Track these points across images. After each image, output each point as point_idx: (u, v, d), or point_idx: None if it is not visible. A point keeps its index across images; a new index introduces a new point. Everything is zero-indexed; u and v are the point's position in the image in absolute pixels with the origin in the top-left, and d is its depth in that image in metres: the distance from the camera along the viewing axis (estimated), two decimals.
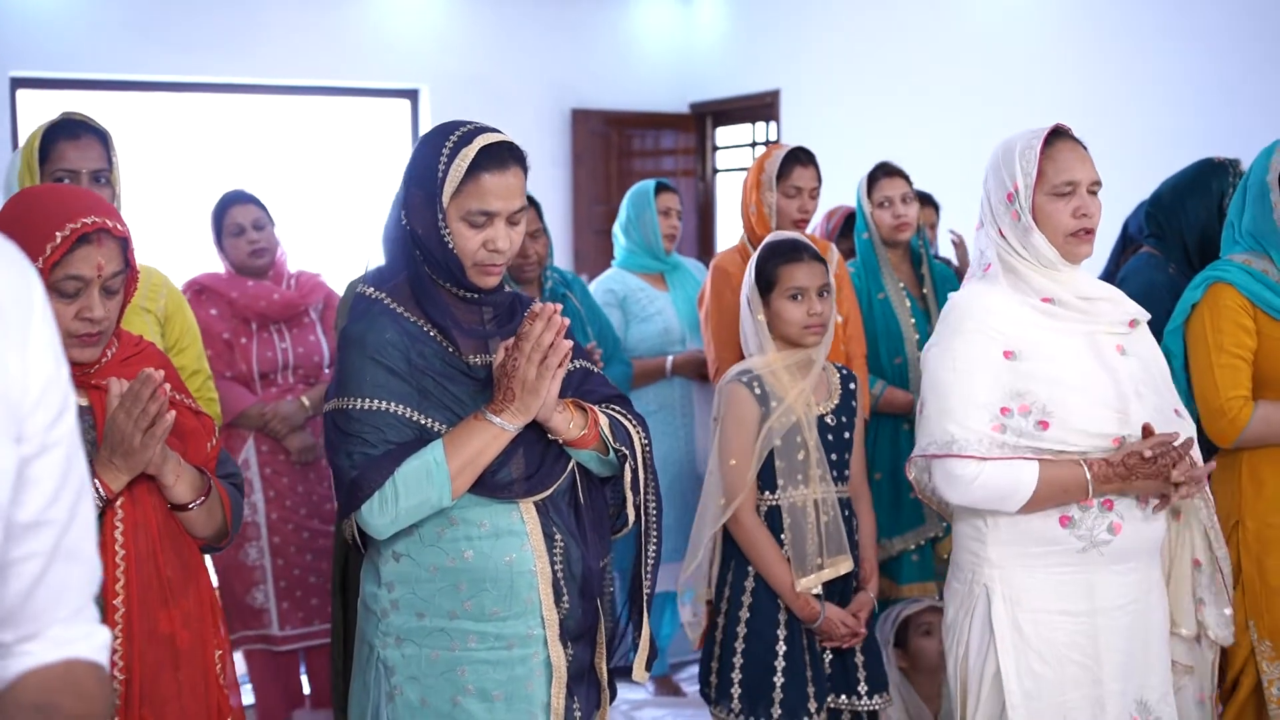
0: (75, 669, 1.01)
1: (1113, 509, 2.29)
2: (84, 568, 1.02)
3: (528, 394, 1.91)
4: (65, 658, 1.00)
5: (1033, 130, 2.35)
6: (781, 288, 2.66)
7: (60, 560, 0.98)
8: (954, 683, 2.45)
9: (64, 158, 2.51)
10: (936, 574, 3.46)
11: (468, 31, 7.15)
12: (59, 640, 1.00)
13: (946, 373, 2.33)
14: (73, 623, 1.02)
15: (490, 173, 1.94)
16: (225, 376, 3.50)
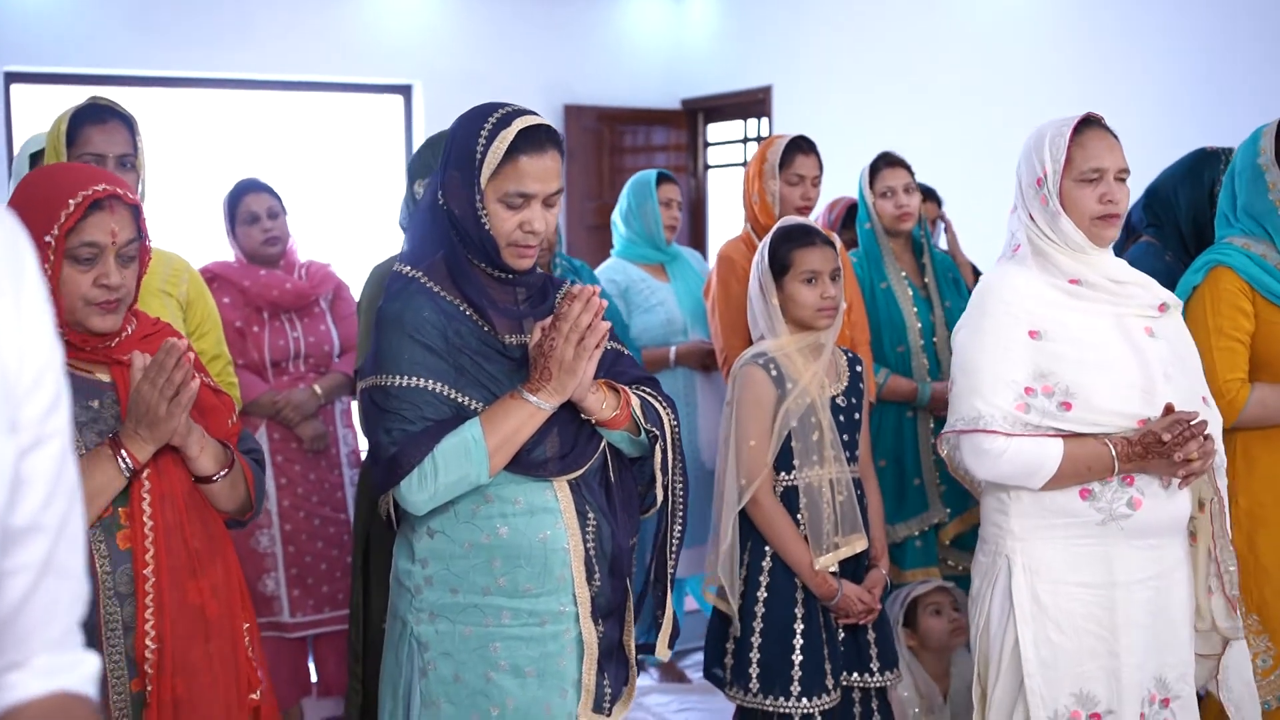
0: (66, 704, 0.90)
1: (1133, 484, 2.34)
2: (73, 584, 0.91)
3: (565, 374, 1.94)
4: (54, 690, 0.90)
5: (1064, 118, 2.42)
6: (795, 271, 2.71)
7: (50, 575, 0.87)
8: (975, 654, 2.52)
9: (90, 142, 2.55)
10: (940, 559, 3.51)
11: (461, 27, 7.18)
12: (47, 670, 0.89)
13: (975, 352, 2.39)
14: (61, 649, 0.91)
15: (528, 155, 1.98)
16: (238, 365, 3.54)
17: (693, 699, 4.04)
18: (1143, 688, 2.38)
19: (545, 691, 2.03)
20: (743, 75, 7.35)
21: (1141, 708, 2.38)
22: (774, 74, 7.13)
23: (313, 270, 3.78)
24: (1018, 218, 2.49)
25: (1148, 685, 2.39)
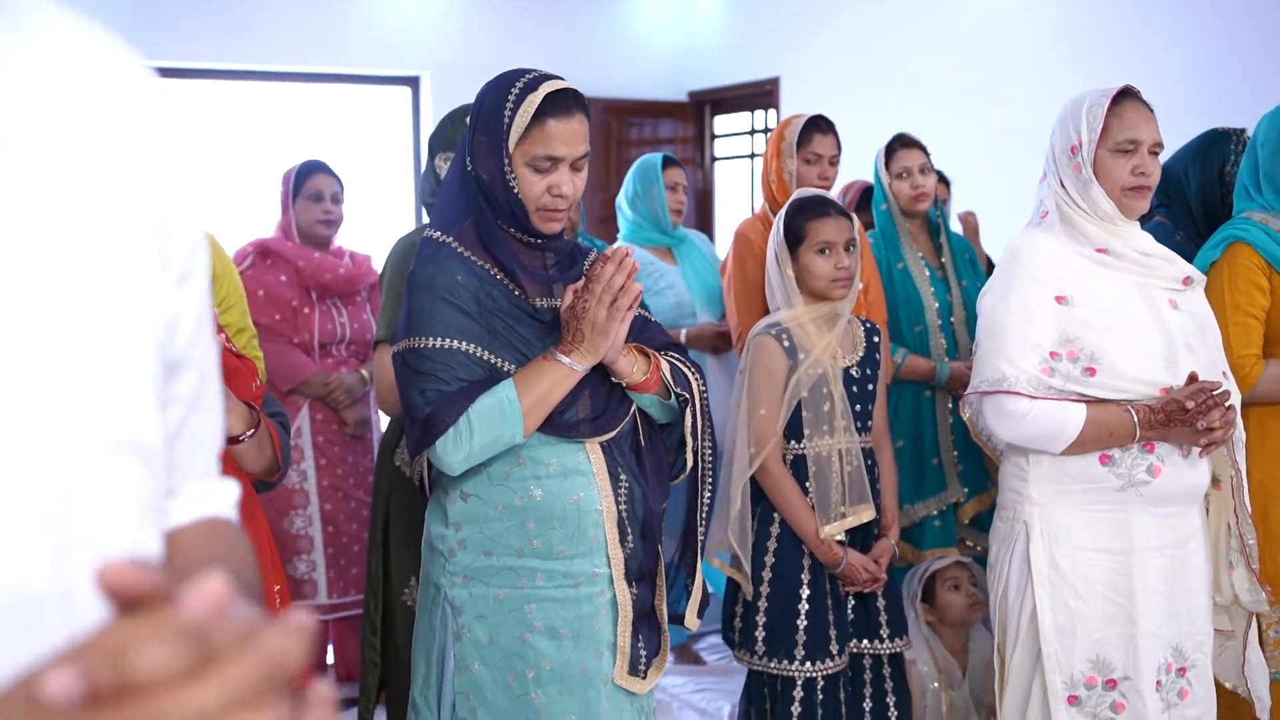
0: (217, 527, 0.92)
1: (1153, 452, 2.38)
2: (217, 419, 0.92)
3: (597, 335, 1.97)
4: (205, 515, 0.91)
5: (1102, 89, 2.46)
6: (810, 242, 2.74)
7: (199, 407, 0.88)
8: (994, 620, 2.55)
9: None
10: (959, 539, 3.54)
11: (468, 19, 7.22)
12: (197, 497, 0.91)
13: (1000, 314, 2.43)
14: (207, 477, 0.93)
15: (555, 119, 2.01)
16: (292, 342, 3.62)
17: (708, 680, 4.08)
18: (1159, 655, 2.41)
19: (581, 653, 2.05)
20: (749, 67, 7.39)
21: (1158, 675, 2.41)
22: (781, 65, 7.17)
23: (358, 259, 3.89)
24: (1047, 185, 2.52)
25: (1164, 653, 2.42)
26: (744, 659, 2.80)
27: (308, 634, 0.45)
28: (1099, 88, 2.49)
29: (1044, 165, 2.56)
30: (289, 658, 0.43)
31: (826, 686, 2.74)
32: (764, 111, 7.57)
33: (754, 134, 7.74)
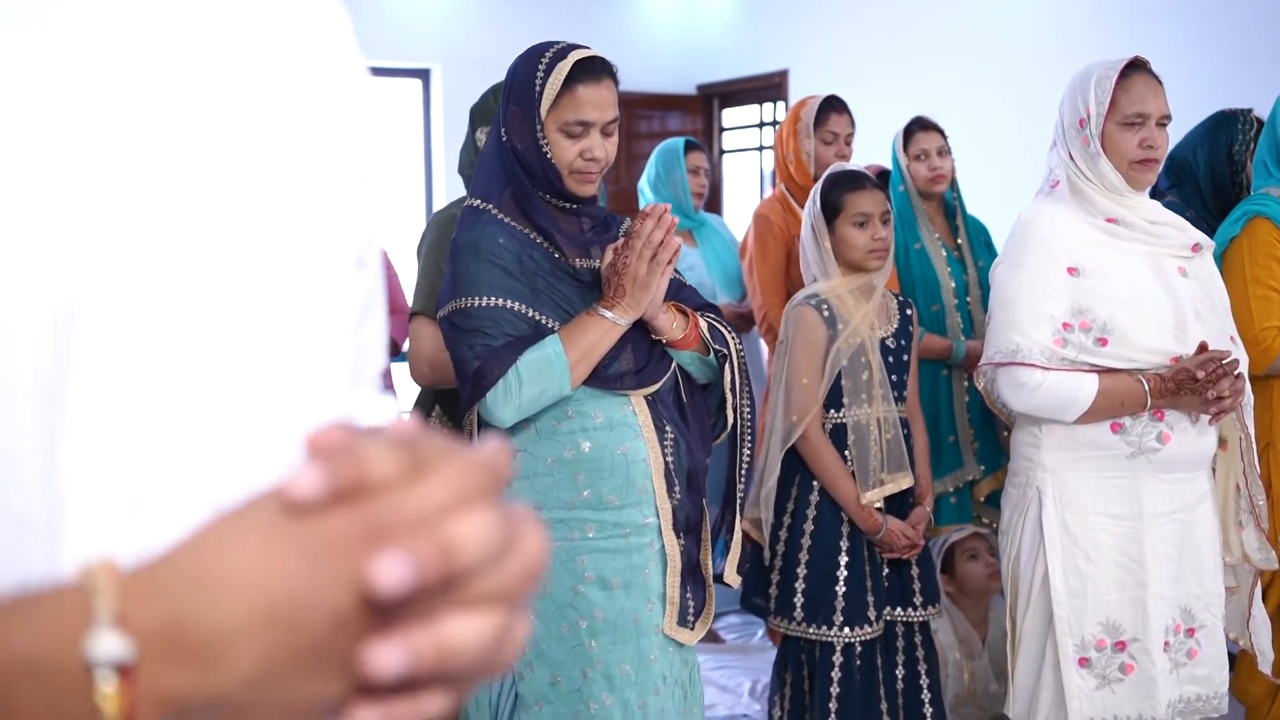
0: None
1: (1163, 419, 2.44)
2: (382, 331, 0.87)
3: (638, 289, 2.05)
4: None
5: (1111, 60, 2.51)
6: (847, 214, 2.81)
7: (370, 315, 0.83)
8: (1006, 584, 2.62)
9: None
10: (975, 516, 3.61)
11: (479, 12, 7.30)
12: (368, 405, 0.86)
13: (1013, 286, 2.49)
14: (374, 389, 0.87)
15: (585, 85, 2.10)
16: None
17: (728, 658, 4.16)
18: (1167, 617, 2.47)
19: (632, 603, 2.12)
20: (758, 59, 7.47)
21: (1166, 636, 2.47)
22: (789, 58, 7.25)
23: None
24: (1057, 155, 2.58)
25: (1172, 615, 2.48)
26: (781, 625, 2.86)
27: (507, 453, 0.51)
28: (1108, 59, 2.54)
29: (1053, 134, 2.61)
30: (499, 467, 0.50)
31: (864, 653, 2.81)
32: (772, 104, 7.65)
33: (762, 127, 7.82)
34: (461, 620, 0.47)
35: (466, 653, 0.47)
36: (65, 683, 0.44)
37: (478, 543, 0.47)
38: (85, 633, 0.44)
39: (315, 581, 0.46)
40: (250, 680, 0.46)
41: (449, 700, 0.49)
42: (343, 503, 0.47)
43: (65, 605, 0.45)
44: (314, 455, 0.49)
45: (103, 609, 0.44)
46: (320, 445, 0.49)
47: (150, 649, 0.45)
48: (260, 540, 0.47)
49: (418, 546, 0.46)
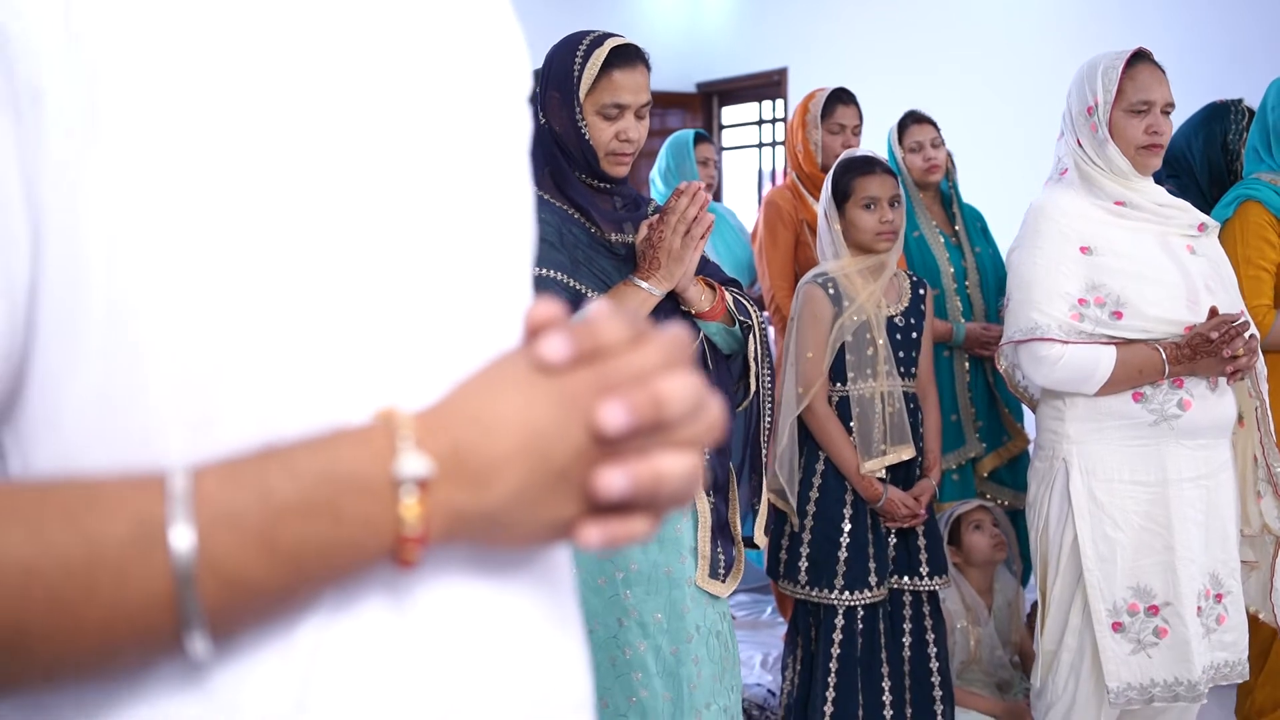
0: None
1: (1183, 387, 2.56)
2: None
3: (673, 262, 2.21)
4: None
5: (1117, 51, 2.66)
6: (856, 197, 2.97)
7: None
8: (1035, 555, 2.75)
9: None
10: (978, 492, 3.76)
11: None
12: None
13: (1029, 268, 2.63)
14: None
15: (620, 70, 2.26)
16: None
17: (740, 633, 4.30)
18: (1198, 582, 2.58)
19: (666, 556, 2.27)
20: (758, 58, 7.61)
21: (1198, 601, 2.58)
22: (789, 56, 7.38)
23: None
24: (1065, 143, 2.73)
25: (1203, 580, 2.60)
26: (786, 588, 3.02)
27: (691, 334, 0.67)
28: (1113, 50, 2.70)
29: (1061, 124, 2.76)
30: (689, 344, 0.66)
31: (866, 617, 2.96)
32: (772, 102, 7.80)
33: (761, 124, 7.97)
34: (669, 457, 0.63)
35: (671, 482, 0.63)
36: (377, 495, 0.59)
37: (682, 397, 0.63)
38: (393, 457, 0.59)
39: (562, 422, 0.62)
40: (511, 499, 0.62)
41: (652, 525, 0.65)
42: (581, 363, 0.63)
43: (374, 437, 0.60)
44: (533, 331, 0.65)
45: (407, 439, 0.59)
46: (536, 323, 0.65)
47: (439, 471, 0.60)
48: (520, 390, 0.62)
49: (637, 397, 0.62)
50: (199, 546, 0.55)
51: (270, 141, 0.63)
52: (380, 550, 0.60)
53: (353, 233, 0.66)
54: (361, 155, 0.68)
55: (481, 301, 0.74)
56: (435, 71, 0.75)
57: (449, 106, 0.76)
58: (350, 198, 0.66)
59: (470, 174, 0.76)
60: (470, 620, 0.68)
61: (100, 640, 0.55)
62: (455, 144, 0.75)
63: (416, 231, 0.70)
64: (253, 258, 0.62)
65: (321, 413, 0.63)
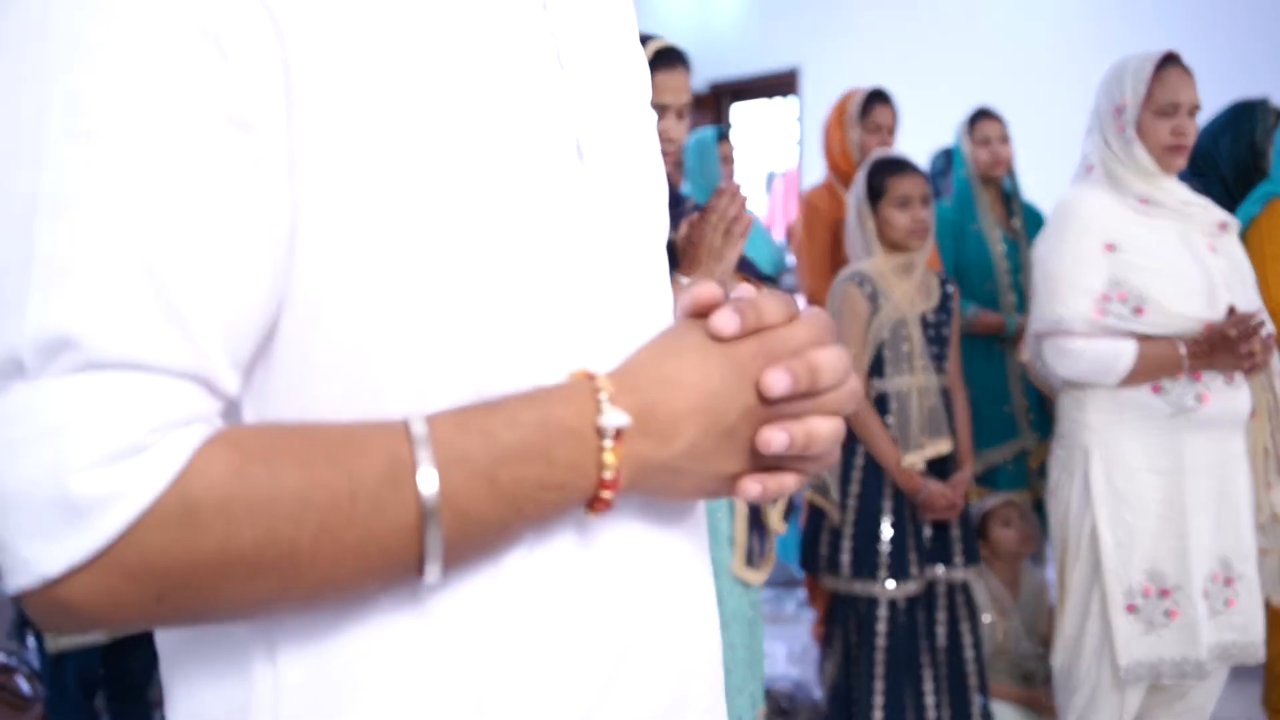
0: None
1: (1200, 380, 2.68)
2: None
3: (713, 259, 2.29)
4: None
5: (1146, 54, 2.76)
6: (890, 197, 3.07)
7: None
8: (1055, 540, 2.87)
9: None
10: (1030, 484, 3.81)
11: None
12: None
13: (1054, 262, 2.74)
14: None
15: (662, 72, 2.35)
16: None
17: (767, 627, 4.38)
18: (1206, 566, 2.70)
19: None
20: (770, 56, 7.69)
21: (1205, 584, 2.70)
22: (802, 54, 7.46)
23: None
24: (1092, 141, 2.83)
25: (1211, 565, 2.72)
26: (829, 582, 3.11)
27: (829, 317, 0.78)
28: (1143, 52, 2.79)
29: (1088, 121, 2.87)
30: (832, 323, 0.78)
31: (907, 610, 3.05)
32: (784, 98, 7.88)
33: (773, 123, 8.05)
34: (820, 420, 0.75)
35: (820, 443, 0.75)
36: (583, 442, 0.70)
37: (832, 367, 0.75)
38: (596, 411, 0.70)
39: (733, 385, 0.73)
40: (689, 452, 0.73)
41: (799, 480, 0.77)
42: (748, 336, 0.74)
43: (579, 393, 0.71)
44: (698, 309, 0.76)
45: (606, 397, 0.70)
46: (703, 303, 0.76)
47: (631, 425, 0.71)
48: (698, 356, 0.74)
49: (796, 365, 0.73)
50: (439, 485, 0.64)
51: (479, 138, 0.72)
52: (583, 491, 0.70)
53: (545, 224, 0.75)
54: (552, 156, 0.77)
55: (645, 280, 0.84)
56: (618, 68, 0.86)
57: (630, 100, 0.87)
58: (544, 194, 0.76)
59: (639, 164, 0.86)
60: (642, 557, 0.78)
61: (354, 563, 0.64)
62: (633, 138, 0.86)
63: (597, 225, 0.79)
64: (468, 247, 0.71)
65: (518, 376, 0.72)
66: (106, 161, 0.62)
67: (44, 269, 0.61)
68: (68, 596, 0.60)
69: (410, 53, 0.70)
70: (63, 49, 0.62)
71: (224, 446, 0.63)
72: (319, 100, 0.67)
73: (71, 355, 0.60)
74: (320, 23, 0.67)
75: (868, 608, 3.04)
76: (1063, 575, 2.85)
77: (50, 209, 0.61)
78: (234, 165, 0.64)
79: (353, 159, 0.67)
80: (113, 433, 0.60)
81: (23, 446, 0.60)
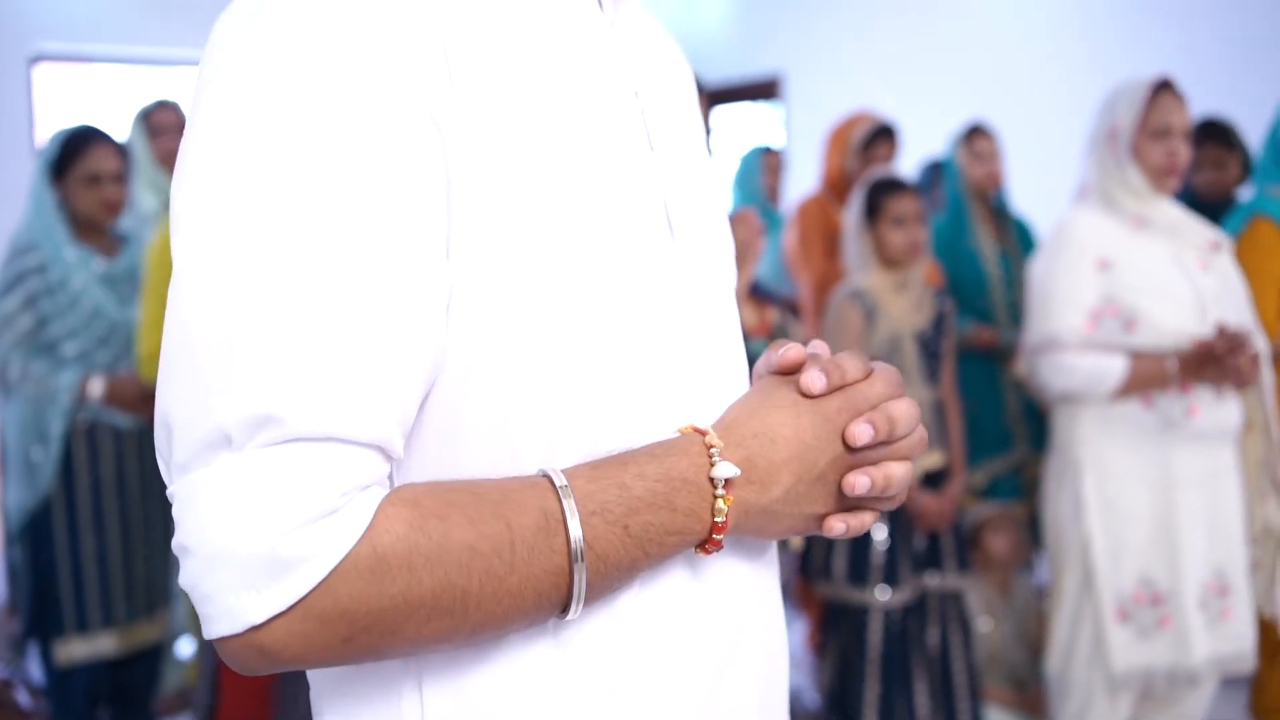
0: None
1: (1189, 394, 2.80)
2: None
3: None
4: None
5: (1141, 79, 2.88)
6: (886, 216, 3.18)
7: None
8: (1050, 549, 2.99)
9: None
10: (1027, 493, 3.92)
11: None
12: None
13: (1049, 280, 2.87)
14: None
15: None
16: None
17: None
18: (1199, 576, 2.82)
19: None
20: (755, 60, 7.76)
21: (1200, 595, 2.82)
22: (787, 59, 7.53)
23: None
24: (1089, 163, 2.96)
25: (1205, 575, 2.83)
26: (823, 588, 3.22)
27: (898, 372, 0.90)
28: (1138, 78, 2.92)
29: (1085, 144, 3.00)
30: (900, 377, 0.89)
31: (900, 617, 3.16)
32: (769, 102, 7.98)
33: (757, 128, 8.15)
34: (895, 465, 0.87)
35: (896, 485, 0.87)
36: (700, 492, 0.81)
37: (906, 418, 0.87)
38: (710, 464, 0.81)
39: (822, 437, 0.85)
40: (784, 497, 0.84)
41: (874, 517, 0.89)
42: (834, 392, 0.86)
43: (693, 448, 0.82)
44: (785, 368, 0.88)
45: (717, 450, 0.82)
46: (790, 362, 0.88)
47: (738, 475, 0.82)
48: (791, 412, 0.85)
49: (877, 418, 0.85)
50: (582, 533, 0.75)
51: (596, 220, 0.83)
52: (698, 534, 0.82)
53: (649, 294, 0.86)
54: (651, 232, 0.88)
55: (727, 336, 0.96)
56: (691, 142, 0.99)
57: (701, 169, 0.98)
58: (646, 267, 0.86)
59: (714, 231, 0.98)
60: (740, 587, 0.91)
61: (512, 604, 0.75)
62: (708, 207, 0.98)
63: (688, 291, 0.90)
64: (590, 316, 0.82)
65: (629, 430, 0.83)
66: (304, 258, 0.72)
67: (248, 353, 0.71)
68: (268, 641, 0.71)
69: (540, 151, 0.80)
70: (268, 140, 0.73)
71: (403, 505, 0.74)
72: (470, 195, 0.77)
73: (275, 429, 0.70)
74: (472, 131, 0.78)
75: (861, 615, 3.15)
76: (1056, 582, 2.97)
77: (255, 299, 0.71)
78: (410, 254, 0.74)
79: (497, 243, 0.78)
80: (312, 498, 0.70)
81: (231, 511, 0.69)
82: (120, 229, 3.34)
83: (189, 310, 0.73)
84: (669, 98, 0.96)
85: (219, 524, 0.69)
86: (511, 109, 0.80)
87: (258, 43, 0.74)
